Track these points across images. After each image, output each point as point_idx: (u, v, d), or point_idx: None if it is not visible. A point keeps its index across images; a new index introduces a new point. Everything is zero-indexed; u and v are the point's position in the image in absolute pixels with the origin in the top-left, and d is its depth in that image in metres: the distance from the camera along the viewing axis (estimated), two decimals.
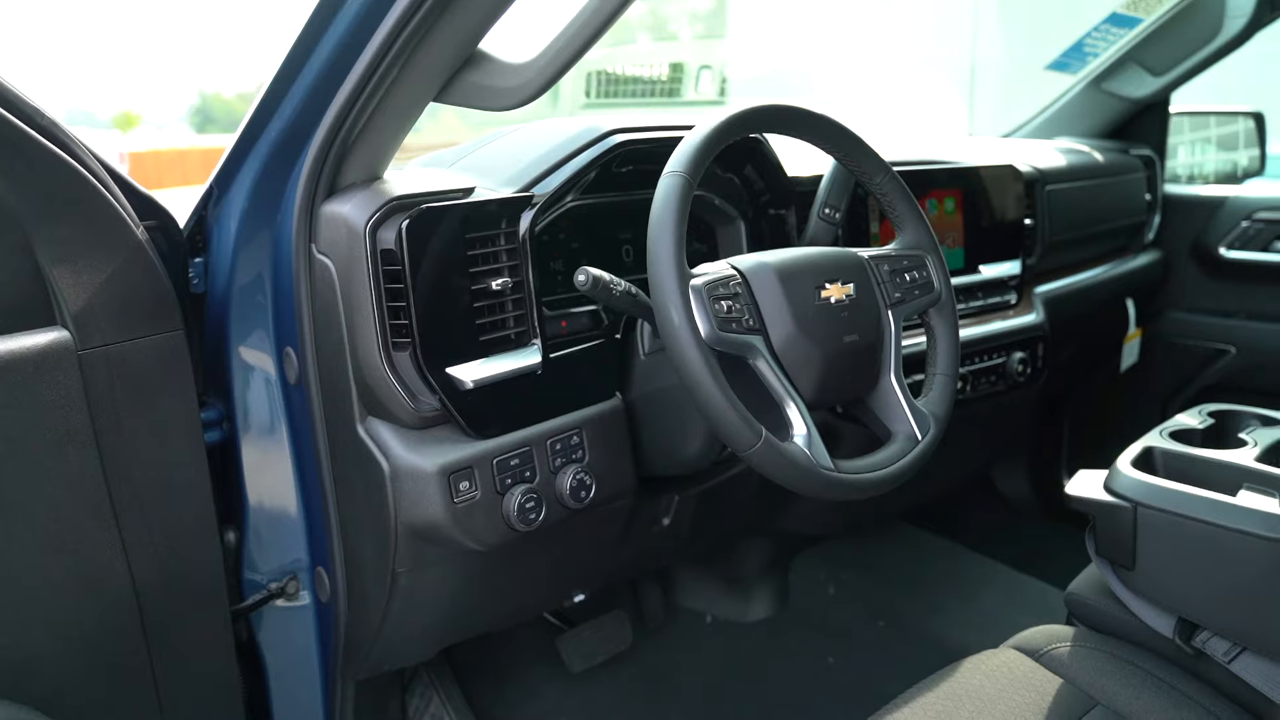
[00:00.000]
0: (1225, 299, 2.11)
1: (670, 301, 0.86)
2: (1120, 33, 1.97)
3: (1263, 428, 1.28)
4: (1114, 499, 1.13)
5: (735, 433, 0.86)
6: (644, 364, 1.10)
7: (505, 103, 0.87)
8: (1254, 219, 2.04)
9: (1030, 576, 1.98)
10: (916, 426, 1.03)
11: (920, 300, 1.09)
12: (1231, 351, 2.09)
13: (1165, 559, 1.10)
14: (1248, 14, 1.79)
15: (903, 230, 1.12)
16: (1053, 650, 1.11)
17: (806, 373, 0.96)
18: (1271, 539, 1.02)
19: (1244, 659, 1.07)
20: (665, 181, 0.90)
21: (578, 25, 0.79)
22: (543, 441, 1.01)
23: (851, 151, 1.08)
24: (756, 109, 0.99)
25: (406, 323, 0.92)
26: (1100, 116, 2.11)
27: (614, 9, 0.76)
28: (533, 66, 0.84)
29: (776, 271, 0.96)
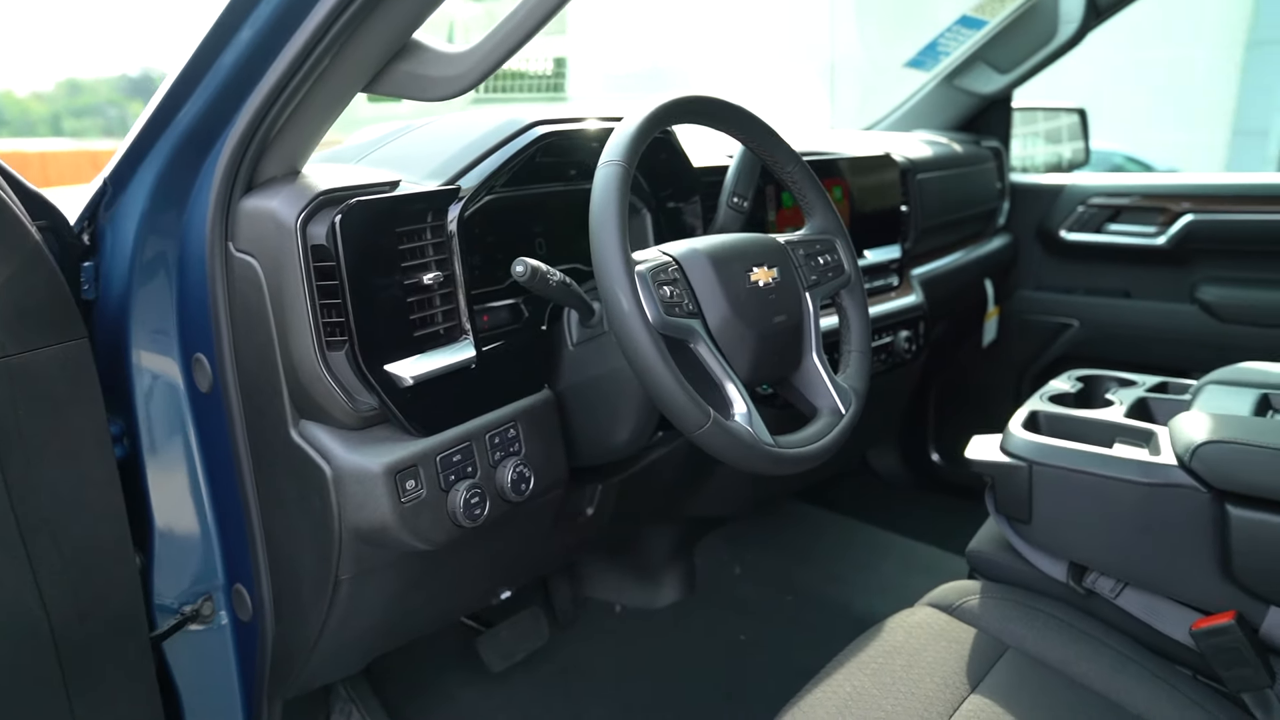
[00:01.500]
0: (1067, 277, 2.31)
1: (619, 288, 0.87)
2: (969, 33, 2.13)
3: (1122, 389, 1.42)
4: (1011, 460, 1.23)
5: (685, 414, 0.89)
6: (573, 354, 1.10)
7: (441, 93, 0.86)
8: (1089, 204, 2.24)
9: (918, 541, 2.11)
10: (840, 401, 1.09)
11: (834, 282, 1.15)
12: (1075, 325, 2.28)
13: (1057, 510, 1.20)
14: (1078, 19, 1.97)
15: (812, 216, 1.18)
16: (964, 604, 1.19)
17: (741, 354, 0.99)
18: (1146, 484, 1.13)
19: (1127, 593, 1.19)
20: (604, 171, 0.91)
21: (524, 13, 0.79)
22: (482, 436, 1.00)
23: (765, 142, 1.13)
24: (684, 100, 1.02)
25: (342, 320, 0.90)
26: (953, 111, 2.27)
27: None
28: (473, 55, 0.83)
29: (709, 257, 0.99)
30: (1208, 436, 1.10)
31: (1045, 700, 1.03)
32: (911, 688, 1.04)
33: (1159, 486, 1.12)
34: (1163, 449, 1.17)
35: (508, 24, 0.81)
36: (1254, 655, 1.07)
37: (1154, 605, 1.17)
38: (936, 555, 2.07)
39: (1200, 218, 2.09)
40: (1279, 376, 1.30)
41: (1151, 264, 2.19)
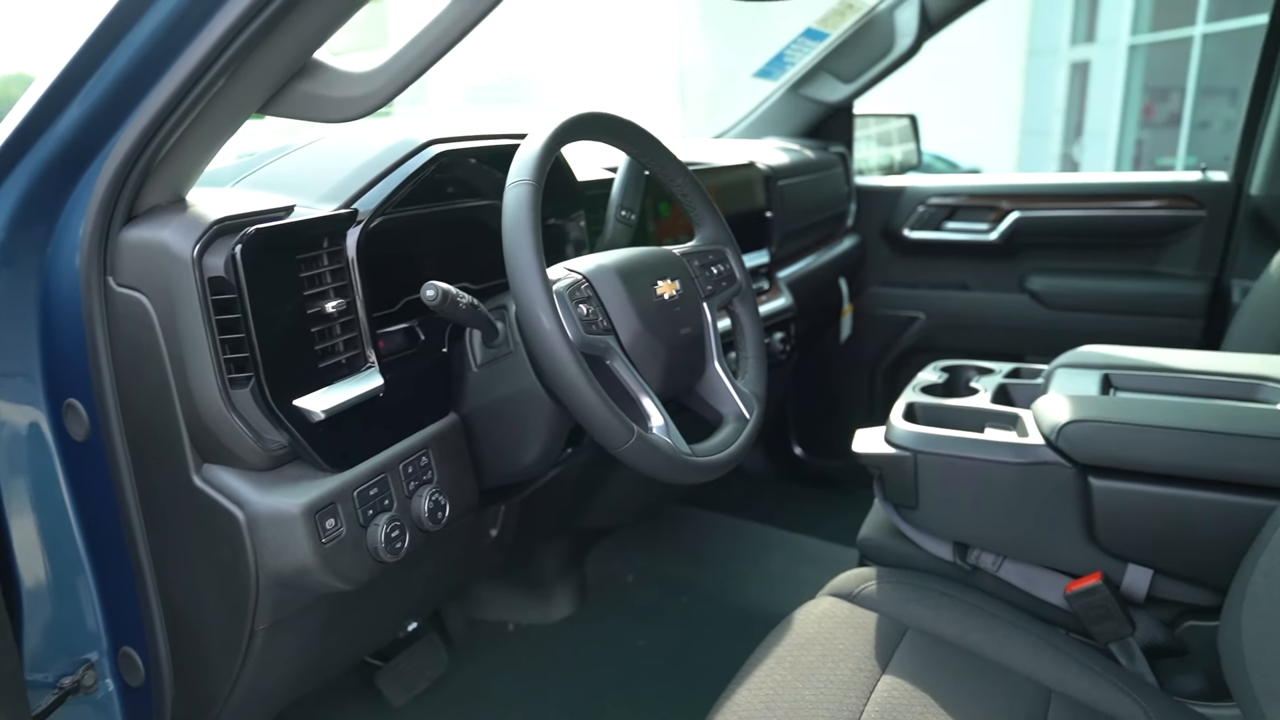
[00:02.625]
0: (912, 273, 2.46)
1: (540, 308, 0.87)
2: (814, 45, 2.23)
3: (983, 376, 1.53)
4: (896, 450, 1.30)
5: (611, 431, 0.89)
6: (477, 376, 1.09)
7: (344, 114, 0.83)
8: (928, 204, 2.39)
9: (797, 533, 2.19)
10: (743, 406, 1.12)
11: (727, 291, 1.18)
12: (921, 317, 2.44)
13: (941, 495, 1.28)
14: (914, 32, 2.11)
15: (702, 227, 1.21)
16: (862, 590, 1.25)
17: (654, 367, 1.01)
18: (1019, 464, 1.23)
19: (1007, 566, 1.28)
20: (514, 191, 0.90)
21: (437, 32, 0.77)
22: (396, 466, 0.97)
23: (655, 156, 1.15)
24: (584, 117, 1.02)
25: (246, 355, 0.85)
26: (800, 118, 2.37)
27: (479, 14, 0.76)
28: (380, 75, 0.80)
29: (618, 273, 1.00)
30: (1070, 417, 1.20)
31: (947, 674, 1.10)
32: (829, 676, 1.08)
33: (1030, 465, 1.22)
34: (1029, 431, 1.27)
35: (417, 45, 0.79)
36: (1118, 609, 1.19)
37: (1031, 574, 1.27)
38: (818, 545, 2.15)
39: (1026, 215, 2.28)
40: (1116, 358, 1.44)
41: (986, 258, 2.36)
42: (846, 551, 2.08)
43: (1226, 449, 1.12)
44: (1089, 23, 13.31)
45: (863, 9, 2.17)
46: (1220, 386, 1.34)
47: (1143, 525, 1.17)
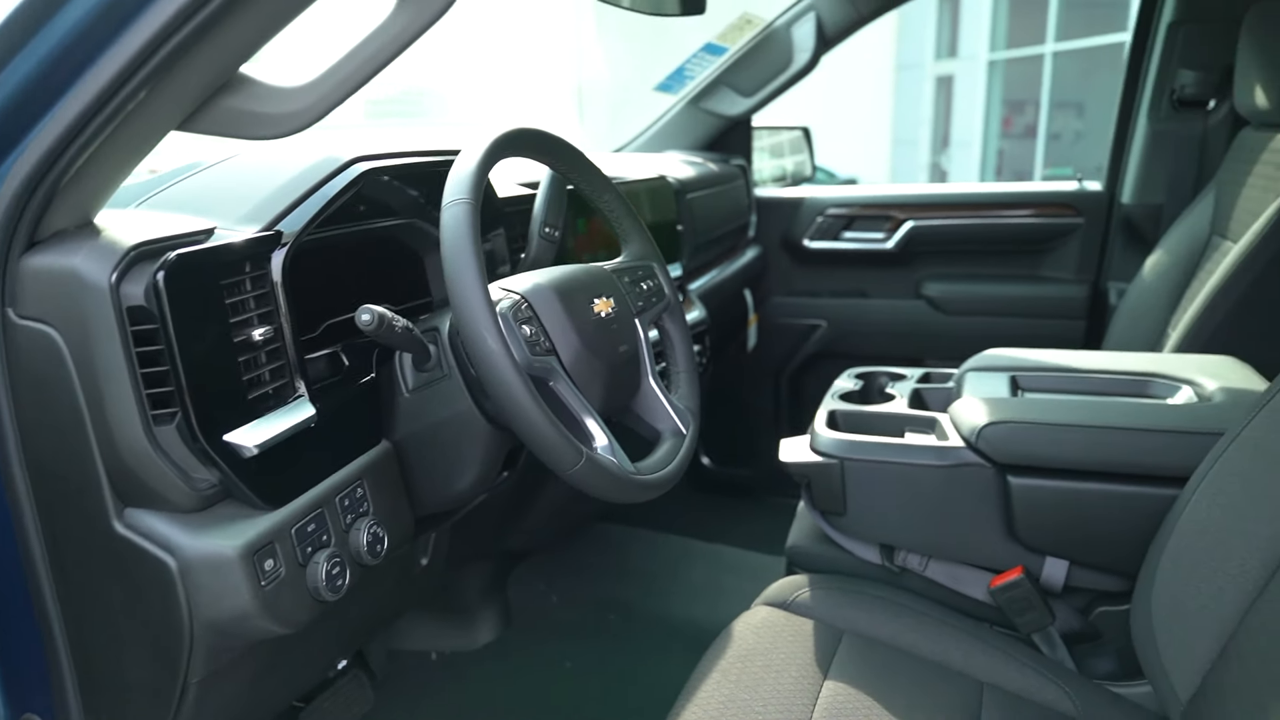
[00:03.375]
0: (813, 282, 2.52)
1: (486, 331, 0.84)
2: (713, 59, 2.27)
3: (896, 382, 1.58)
4: (823, 458, 1.32)
5: (560, 454, 0.88)
6: (409, 401, 1.05)
7: (273, 131, 0.78)
8: (826, 214, 2.46)
9: (713, 543, 2.20)
10: (679, 422, 1.12)
11: (657, 307, 1.18)
12: (823, 325, 2.50)
13: (868, 500, 1.31)
14: (811, 48, 2.16)
15: (629, 243, 1.21)
16: (796, 598, 1.26)
17: (595, 386, 1.00)
18: (942, 466, 1.27)
19: (933, 565, 1.32)
20: (452, 211, 0.88)
21: (375, 46, 0.74)
22: (332, 499, 0.92)
23: (583, 172, 1.14)
24: (516, 133, 1.01)
25: (170, 389, 0.79)
26: (700, 131, 2.40)
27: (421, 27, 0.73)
28: (312, 91, 0.77)
29: (556, 292, 0.98)
30: (988, 419, 1.25)
31: (886, 675, 1.12)
32: (774, 686, 1.09)
33: (952, 467, 1.26)
34: (949, 433, 1.31)
35: (353, 59, 0.75)
36: (1039, 600, 1.24)
37: (956, 572, 1.32)
38: (736, 554, 2.17)
39: (920, 224, 2.37)
40: (1020, 360, 1.50)
41: (883, 266, 2.44)
42: (766, 559, 2.11)
43: (1132, 443, 1.19)
44: (951, 39, 14.02)
45: (761, 24, 2.21)
46: (1116, 384, 1.42)
47: (1058, 519, 1.23)
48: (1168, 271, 1.93)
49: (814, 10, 2.17)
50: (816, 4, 2.17)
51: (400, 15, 0.73)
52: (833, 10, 2.17)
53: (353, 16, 0.76)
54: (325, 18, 0.80)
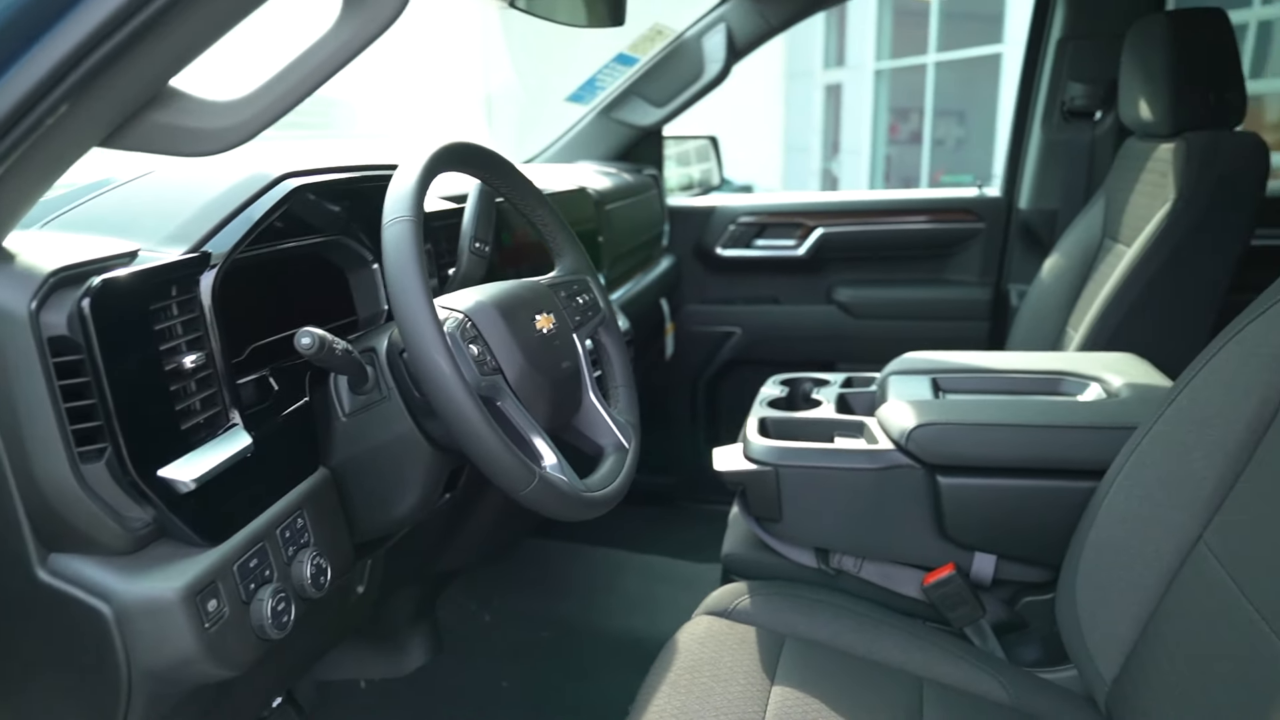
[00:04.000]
0: (726, 289, 2.56)
1: (436, 353, 0.82)
2: (625, 70, 2.27)
3: (820, 388, 1.61)
4: (758, 466, 1.34)
5: (513, 475, 0.86)
6: (346, 425, 1.01)
7: (206, 148, 0.74)
8: (738, 222, 2.50)
9: (642, 553, 2.20)
10: (621, 436, 1.11)
11: (593, 321, 1.17)
12: (738, 332, 2.53)
13: (804, 505, 1.33)
14: (722, 58, 2.20)
15: (563, 257, 1.20)
16: (737, 606, 1.27)
17: (541, 404, 0.98)
18: (874, 469, 1.30)
19: (867, 566, 1.35)
20: (395, 229, 0.85)
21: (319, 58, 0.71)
22: (273, 532, 0.88)
23: (516, 186, 1.12)
24: (453, 147, 0.99)
25: (98, 424, 0.74)
26: (612, 142, 2.40)
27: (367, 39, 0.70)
28: (249, 105, 0.73)
29: (498, 309, 0.97)
30: (916, 421, 1.28)
31: (830, 677, 1.14)
32: (724, 696, 1.09)
33: (884, 469, 1.30)
34: (878, 437, 1.35)
35: (295, 72, 0.72)
36: (970, 595, 1.28)
37: (889, 572, 1.35)
38: (667, 563, 2.18)
39: (830, 230, 2.43)
40: (939, 363, 1.55)
41: (795, 273, 2.49)
42: (699, 567, 2.12)
43: (1052, 440, 1.25)
44: (839, 49, 14.46)
45: (672, 35, 2.23)
46: (1030, 383, 1.48)
47: (986, 516, 1.27)
48: (1064, 273, 2.03)
49: (724, 21, 2.20)
50: (727, 15, 2.20)
51: (345, 26, 0.71)
52: (742, 22, 2.20)
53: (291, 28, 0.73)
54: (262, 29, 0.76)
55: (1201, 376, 1.05)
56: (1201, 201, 1.60)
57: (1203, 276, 1.64)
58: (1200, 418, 1.03)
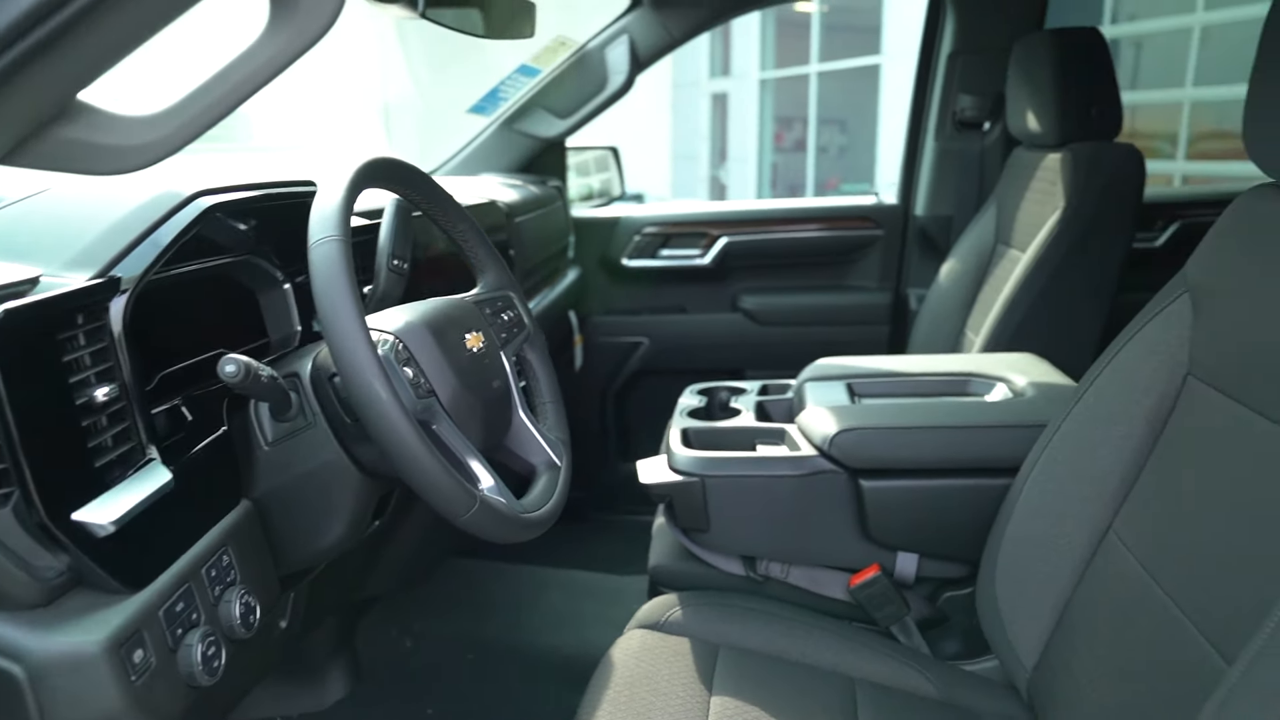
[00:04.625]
0: (633, 300, 2.56)
1: (373, 378, 0.79)
2: (528, 81, 2.25)
3: (737, 396, 1.63)
4: (684, 477, 1.34)
5: (454, 501, 0.84)
6: (269, 455, 0.97)
7: (118, 166, 0.69)
8: (643, 233, 2.51)
9: (561, 568, 2.17)
10: (553, 454, 1.10)
11: (519, 338, 1.16)
12: (645, 342, 2.54)
13: (730, 514, 1.34)
14: (626, 70, 2.20)
15: (485, 273, 1.17)
16: (669, 618, 1.27)
17: (475, 425, 0.96)
18: (799, 475, 1.33)
19: (794, 571, 1.37)
20: (323, 249, 0.82)
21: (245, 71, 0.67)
22: (198, 571, 0.83)
23: (437, 202, 1.10)
24: (376, 163, 0.96)
25: (4, 467, 0.68)
26: (515, 153, 2.38)
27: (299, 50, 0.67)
28: (168, 120, 0.68)
29: (429, 329, 0.94)
30: (838, 427, 1.31)
31: (766, 684, 1.15)
32: (665, 710, 1.09)
33: (809, 475, 1.32)
34: (800, 443, 1.37)
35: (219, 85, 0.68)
36: (895, 594, 1.32)
37: (816, 576, 1.37)
38: (589, 577, 2.15)
39: (734, 239, 2.46)
40: (851, 368, 1.59)
41: (700, 282, 2.52)
42: (622, 580, 2.11)
43: (968, 440, 1.29)
44: (724, 58, 14.74)
45: (574, 46, 2.23)
46: (939, 385, 1.53)
47: (907, 516, 1.31)
48: (961, 277, 2.11)
49: (627, 33, 2.21)
50: (629, 26, 2.21)
51: (273, 38, 0.67)
52: (645, 33, 2.22)
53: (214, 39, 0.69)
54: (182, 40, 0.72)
55: (1105, 375, 1.10)
56: (1089, 208, 1.70)
57: (1092, 278, 1.73)
58: (1105, 414, 1.09)
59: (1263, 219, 0.96)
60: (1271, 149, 0.93)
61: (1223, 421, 0.94)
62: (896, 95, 10.80)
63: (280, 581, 1.01)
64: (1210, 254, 1.03)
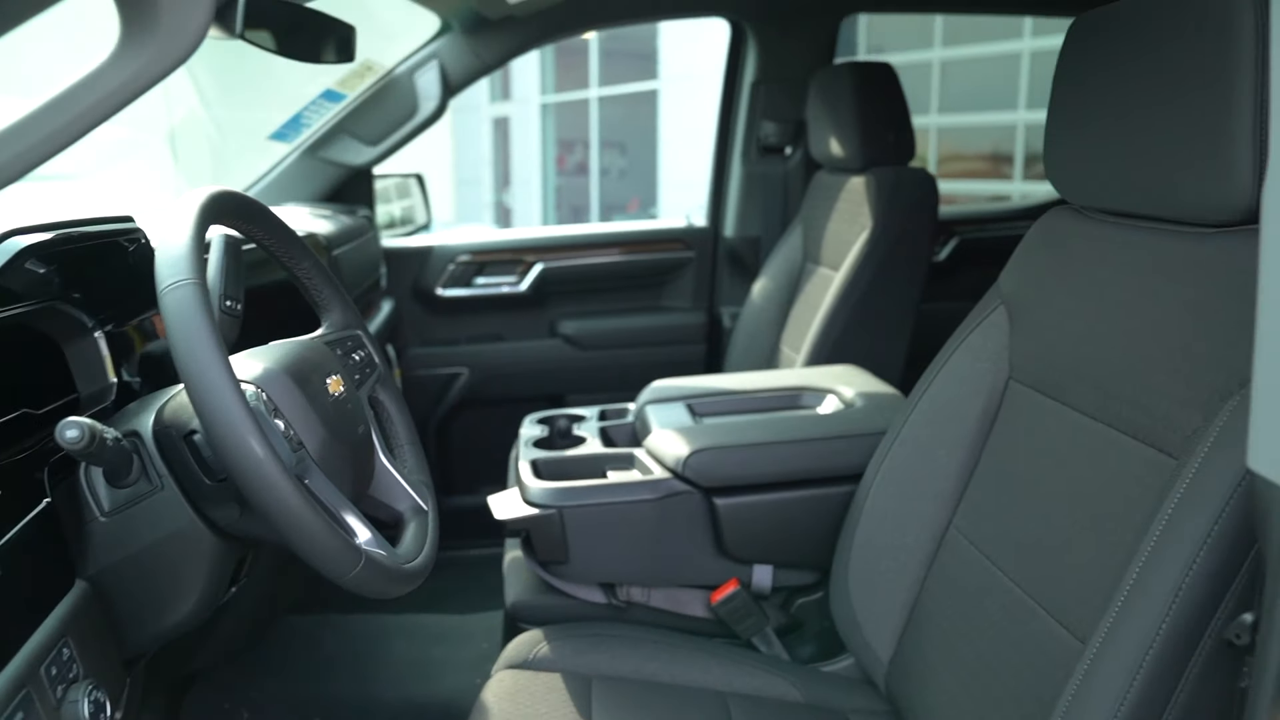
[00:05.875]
0: (450, 330, 2.50)
1: (247, 433, 0.72)
2: (333, 106, 2.15)
3: (578, 424, 1.63)
4: (541, 510, 1.32)
5: (339, 560, 0.78)
6: (106, 527, 0.86)
7: None
8: (457, 261, 2.45)
9: (407, 614, 2.07)
10: (418, 498, 1.05)
11: (371, 378, 1.10)
12: (465, 373, 2.48)
13: (590, 543, 1.34)
14: (437, 95, 2.15)
15: (330, 312, 1.11)
16: (538, 655, 1.25)
17: (345, 475, 0.91)
18: (655, 499, 1.34)
19: (655, 594, 1.39)
20: (178, 295, 0.74)
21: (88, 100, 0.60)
22: (36, 671, 0.72)
23: (280, 238, 1.03)
24: (219, 197, 0.88)
25: None
26: (320, 182, 2.26)
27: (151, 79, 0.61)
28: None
29: (291, 377, 0.88)
30: (690, 448, 1.34)
31: (642, 709, 1.16)
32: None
33: (665, 498, 1.34)
34: (651, 467, 1.39)
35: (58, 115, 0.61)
36: (754, 606, 1.36)
37: (677, 596, 1.39)
38: (436, 620, 2.05)
39: (550, 265, 2.46)
40: (687, 389, 1.63)
41: (518, 309, 2.50)
42: (469, 620, 2.03)
43: (814, 452, 1.36)
44: (505, 83, 14.75)
45: (381, 71, 2.15)
46: (774, 400, 1.60)
47: (760, 529, 1.36)
48: (773, 295, 2.22)
49: (437, 58, 2.16)
50: (439, 52, 2.16)
51: (128, 60, 0.61)
52: (456, 59, 2.18)
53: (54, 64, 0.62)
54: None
55: (937, 382, 1.20)
56: (894, 227, 1.84)
57: (901, 292, 1.88)
58: (940, 418, 1.18)
59: (1063, 236, 1.08)
60: (1067, 176, 1.05)
61: (1044, 419, 1.04)
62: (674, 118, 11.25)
63: (123, 665, 0.90)
64: (1019, 269, 1.14)
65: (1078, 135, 1.00)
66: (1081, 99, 0.99)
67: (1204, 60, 0.81)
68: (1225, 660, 0.73)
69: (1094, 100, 0.96)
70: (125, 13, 0.61)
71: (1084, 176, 1.01)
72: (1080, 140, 1.00)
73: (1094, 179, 0.99)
